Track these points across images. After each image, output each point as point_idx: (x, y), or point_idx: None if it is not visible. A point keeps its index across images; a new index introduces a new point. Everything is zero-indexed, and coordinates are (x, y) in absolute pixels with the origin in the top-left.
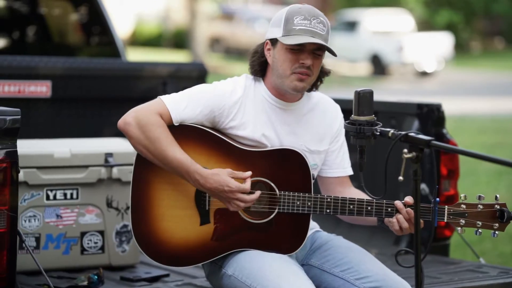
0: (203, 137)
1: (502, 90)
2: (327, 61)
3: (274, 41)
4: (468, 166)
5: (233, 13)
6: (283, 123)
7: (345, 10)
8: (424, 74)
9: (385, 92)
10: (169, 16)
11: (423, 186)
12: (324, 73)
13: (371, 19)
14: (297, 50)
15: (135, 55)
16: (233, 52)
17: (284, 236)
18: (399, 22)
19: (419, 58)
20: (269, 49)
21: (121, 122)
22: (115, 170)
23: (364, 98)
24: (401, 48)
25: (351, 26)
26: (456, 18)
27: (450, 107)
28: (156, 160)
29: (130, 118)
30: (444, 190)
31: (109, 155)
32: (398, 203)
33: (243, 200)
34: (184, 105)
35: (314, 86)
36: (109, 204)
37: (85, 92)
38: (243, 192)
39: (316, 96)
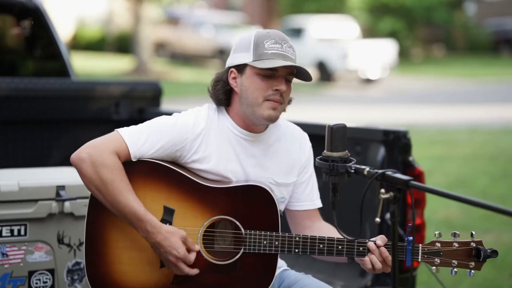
0: (162, 173)
1: (445, 98)
2: None
3: (241, 68)
4: None
5: (179, 18)
6: (248, 155)
7: (290, 16)
8: (368, 81)
9: (331, 99)
10: (112, 20)
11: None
12: (289, 100)
13: (316, 26)
14: (269, 76)
15: (76, 60)
16: (179, 57)
17: (250, 277)
18: (344, 29)
19: (364, 65)
20: (234, 78)
21: (74, 157)
22: (67, 204)
23: (338, 133)
24: (345, 55)
25: (297, 32)
26: (399, 26)
27: (395, 116)
28: (107, 203)
29: (85, 154)
30: (410, 219)
31: (60, 188)
32: (371, 244)
33: (181, 270)
34: (143, 139)
35: None
36: (60, 241)
37: (32, 114)
38: (186, 262)
39: (283, 124)
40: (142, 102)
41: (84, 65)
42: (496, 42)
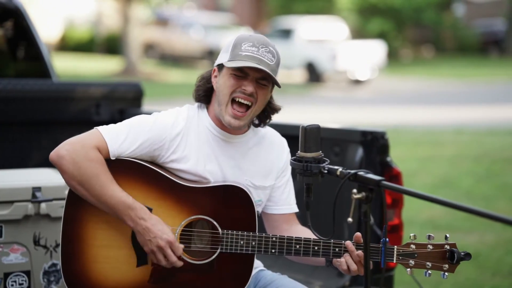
0: (140, 172)
1: (433, 99)
2: None
3: (220, 67)
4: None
5: (168, 19)
6: (227, 156)
7: (280, 17)
8: (357, 82)
9: (320, 100)
10: (101, 21)
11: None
12: (274, 109)
13: (305, 27)
14: (241, 76)
15: (65, 61)
16: (168, 58)
17: (226, 277)
18: (333, 30)
19: (353, 66)
20: (216, 76)
21: (53, 154)
22: (43, 205)
23: (311, 134)
24: (334, 56)
25: (286, 33)
26: (387, 27)
27: (383, 117)
28: (91, 197)
29: (64, 151)
30: (388, 220)
31: (37, 189)
32: (349, 244)
33: (169, 257)
34: (123, 137)
35: (262, 123)
36: (36, 242)
37: (12, 115)
38: (174, 249)
39: (263, 129)
40: (123, 103)
41: (73, 66)
42: (485, 43)
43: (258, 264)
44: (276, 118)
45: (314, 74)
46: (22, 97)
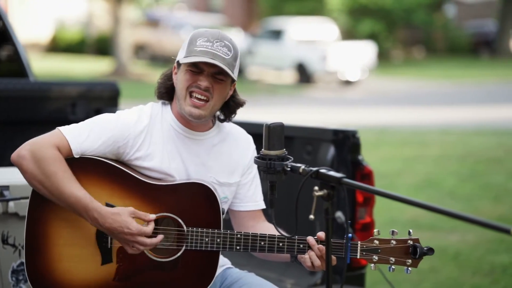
0: (104, 170)
1: (422, 99)
2: (254, 68)
3: (179, 64)
4: (387, 180)
5: (158, 20)
6: (191, 154)
7: (270, 18)
8: (347, 83)
9: (310, 101)
10: (91, 22)
11: (339, 213)
12: (238, 104)
13: (296, 28)
14: (196, 72)
15: (56, 62)
16: (159, 59)
17: (191, 275)
18: (323, 31)
19: (343, 67)
20: (175, 73)
21: (14, 155)
22: (11, 204)
23: (275, 132)
24: (325, 57)
25: (277, 34)
26: (378, 28)
27: (373, 117)
28: (52, 196)
29: (25, 151)
30: (359, 218)
31: (4, 188)
32: (310, 239)
33: (143, 244)
34: (84, 136)
35: (227, 118)
36: (4, 241)
37: None
38: (144, 235)
39: (228, 126)
40: (99, 103)
41: (64, 67)
42: (476, 44)
43: (225, 262)
44: (261, 118)
45: (304, 75)
46: None
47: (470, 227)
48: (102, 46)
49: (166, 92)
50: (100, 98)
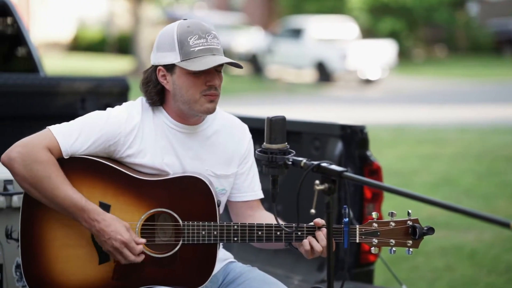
0: (96, 169)
1: (441, 98)
2: (274, 66)
3: (170, 67)
4: (403, 178)
5: (178, 19)
6: (185, 148)
7: (290, 16)
8: (367, 81)
9: (330, 99)
10: (112, 21)
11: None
12: None
13: (316, 26)
14: (200, 72)
15: (77, 61)
16: None
17: (190, 269)
18: (343, 29)
19: (363, 66)
20: (164, 75)
21: (4, 157)
22: (15, 198)
23: (277, 125)
24: (345, 55)
25: (297, 33)
26: (399, 26)
27: (391, 116)
28: (44, 199)
29: (15, 153)
30: (368, 214)
31: (8, 182)
32: (318, 220)
33: (127, 257)
34: (75, 136)
35: None
36: (8, 236)
37: None
38: (133, 250)
39: (222, 116)
40: (108, 98)
41: (85, 66)
42: (499, 42)
43: (228, 256)
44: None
45: (324, 74)
46: (6, 91)
47: (487, 226)
48: (123, 45)
49: (159, 98)
50: (110, 94)
